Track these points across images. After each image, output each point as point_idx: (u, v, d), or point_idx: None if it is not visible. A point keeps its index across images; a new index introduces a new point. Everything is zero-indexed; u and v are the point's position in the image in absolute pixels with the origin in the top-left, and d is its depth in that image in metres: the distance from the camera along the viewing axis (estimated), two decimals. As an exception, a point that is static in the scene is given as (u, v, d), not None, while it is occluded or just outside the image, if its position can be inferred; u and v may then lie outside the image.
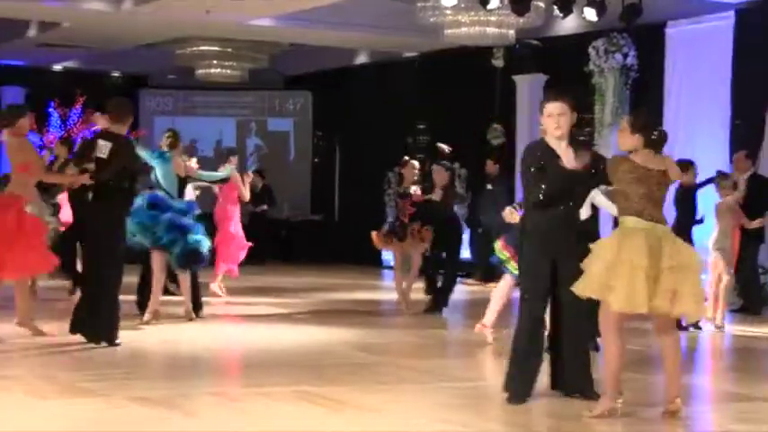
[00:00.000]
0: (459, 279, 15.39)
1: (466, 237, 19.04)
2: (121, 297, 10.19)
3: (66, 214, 13.70)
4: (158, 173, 12.02)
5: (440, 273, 14.20)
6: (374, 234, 13.89)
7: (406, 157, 14.59)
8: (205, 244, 11.95)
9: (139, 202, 11.56)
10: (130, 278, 11.31)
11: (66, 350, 9.78)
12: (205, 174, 13.28)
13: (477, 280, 18.48)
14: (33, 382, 8.18)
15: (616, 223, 7.65)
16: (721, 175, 13.19)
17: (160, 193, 11.94)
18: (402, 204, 13.83)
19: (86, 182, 10.06)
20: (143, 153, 11.74)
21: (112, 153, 9.95)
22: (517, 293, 8.22)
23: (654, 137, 7.37)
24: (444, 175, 13.87)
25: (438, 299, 13.91)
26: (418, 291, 14.42)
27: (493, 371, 9.88)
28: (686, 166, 12.41)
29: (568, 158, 7.63)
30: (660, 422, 7.30)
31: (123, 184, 10.10)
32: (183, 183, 12.20)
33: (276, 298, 15.38)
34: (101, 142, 10.07)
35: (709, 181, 13.10)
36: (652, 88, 17.44)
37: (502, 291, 10.92)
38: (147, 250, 11.79)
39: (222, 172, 14.26)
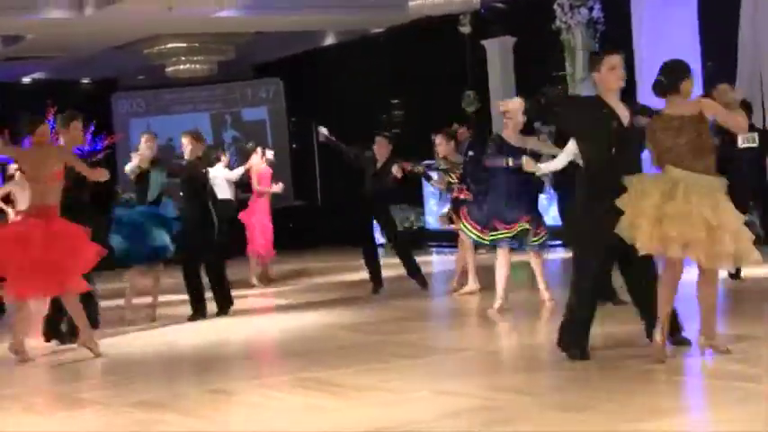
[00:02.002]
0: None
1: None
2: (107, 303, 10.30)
3: None
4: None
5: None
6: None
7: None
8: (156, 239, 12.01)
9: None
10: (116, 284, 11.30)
11: (59, 363, 9.68)
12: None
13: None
14: (30, 398, 8.12)
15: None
16: None
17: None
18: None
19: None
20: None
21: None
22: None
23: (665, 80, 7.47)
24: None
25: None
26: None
27: (479, 338, 9.96)
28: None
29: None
30: (655, 366, 7.35)
31: (84, 195, 10.27)
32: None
33: (264, 287, 15.36)
34: None
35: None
36: (620, 39, 17.39)
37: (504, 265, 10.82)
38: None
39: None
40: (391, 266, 14.35)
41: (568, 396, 6.80)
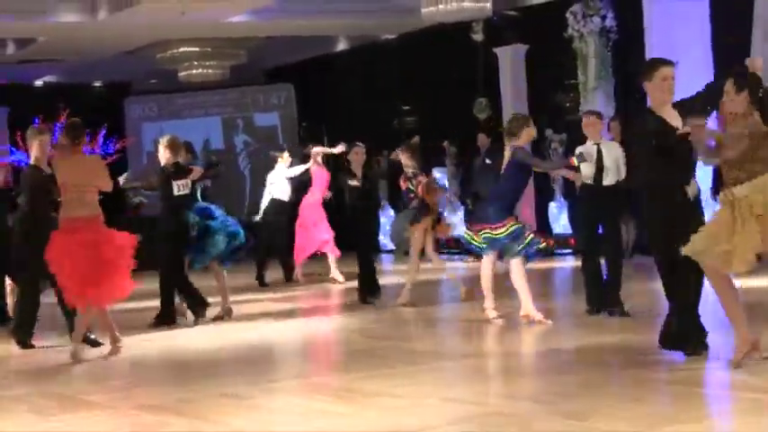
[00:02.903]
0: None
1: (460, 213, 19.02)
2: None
3: None
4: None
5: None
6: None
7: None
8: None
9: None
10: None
11: (65, 365, 9.62)
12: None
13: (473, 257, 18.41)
14: (37, 400, 8.10)
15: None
16: None
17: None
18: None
19: None
20: None
21: None
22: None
23: (761, 94, 7.40)
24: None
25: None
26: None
27: (487, 345, 9.94)
28: None
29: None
30: (664, 375, 7.31)
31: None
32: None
33: (274, 292, 15.35)
34: None
35: None
36: (633, 49, 17.39)
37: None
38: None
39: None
40: (400, 273, 14.32)
41: (576, 403, 6.77)
